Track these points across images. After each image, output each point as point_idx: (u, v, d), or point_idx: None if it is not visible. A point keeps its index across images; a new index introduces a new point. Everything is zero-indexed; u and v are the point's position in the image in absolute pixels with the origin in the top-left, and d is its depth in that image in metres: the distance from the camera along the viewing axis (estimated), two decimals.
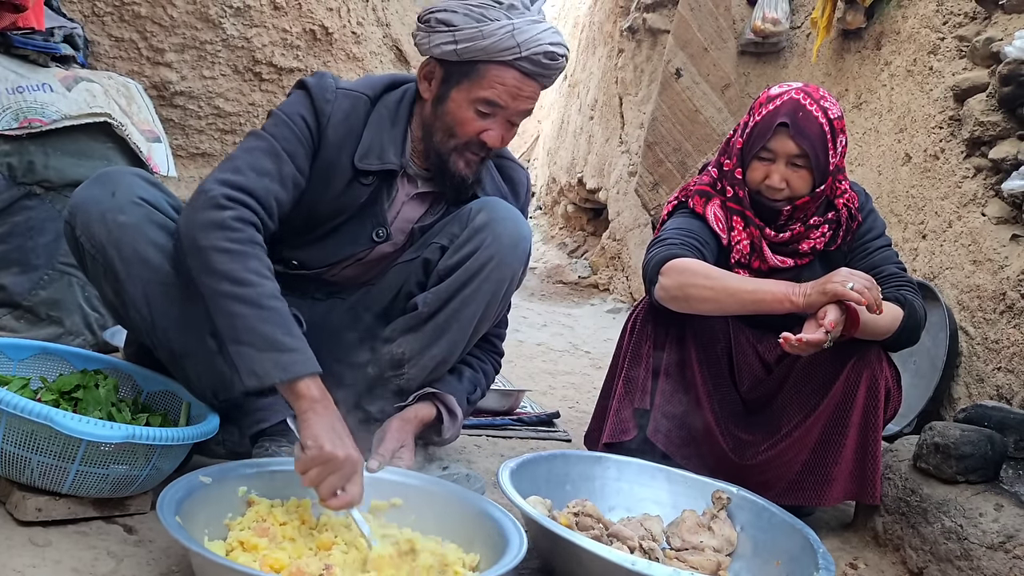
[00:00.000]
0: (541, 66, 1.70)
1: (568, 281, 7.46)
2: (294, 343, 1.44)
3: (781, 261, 2.05)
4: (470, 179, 1.78)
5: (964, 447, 1.79)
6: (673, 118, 5.50)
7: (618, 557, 1.40)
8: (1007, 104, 2.76)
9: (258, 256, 1.51)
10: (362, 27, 3.68)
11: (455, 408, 1.81)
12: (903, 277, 2.04)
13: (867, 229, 2.11)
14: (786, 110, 1.97)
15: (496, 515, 1.48)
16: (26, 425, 1.30)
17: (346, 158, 1.75)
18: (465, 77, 1.71)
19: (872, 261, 2.05)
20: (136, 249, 1.56)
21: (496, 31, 1.66)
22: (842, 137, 2.01)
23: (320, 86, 1.75)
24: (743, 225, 2.06)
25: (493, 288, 1.75)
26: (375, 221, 1.81)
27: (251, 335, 1.43)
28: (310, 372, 1.43)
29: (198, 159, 3.48)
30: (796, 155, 1.96)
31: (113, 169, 1.67)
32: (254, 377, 1.42)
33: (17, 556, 1.27)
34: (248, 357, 1.42)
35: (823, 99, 2.00)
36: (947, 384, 2.93)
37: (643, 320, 2.05)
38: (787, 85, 2.04)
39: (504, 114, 1.72)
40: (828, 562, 1.54)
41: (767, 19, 4.85)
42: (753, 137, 2.01)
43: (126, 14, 3.14)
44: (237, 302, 1.44)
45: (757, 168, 2.01)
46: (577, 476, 1.87)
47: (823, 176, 1.98)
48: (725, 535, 1.76)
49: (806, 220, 2.04)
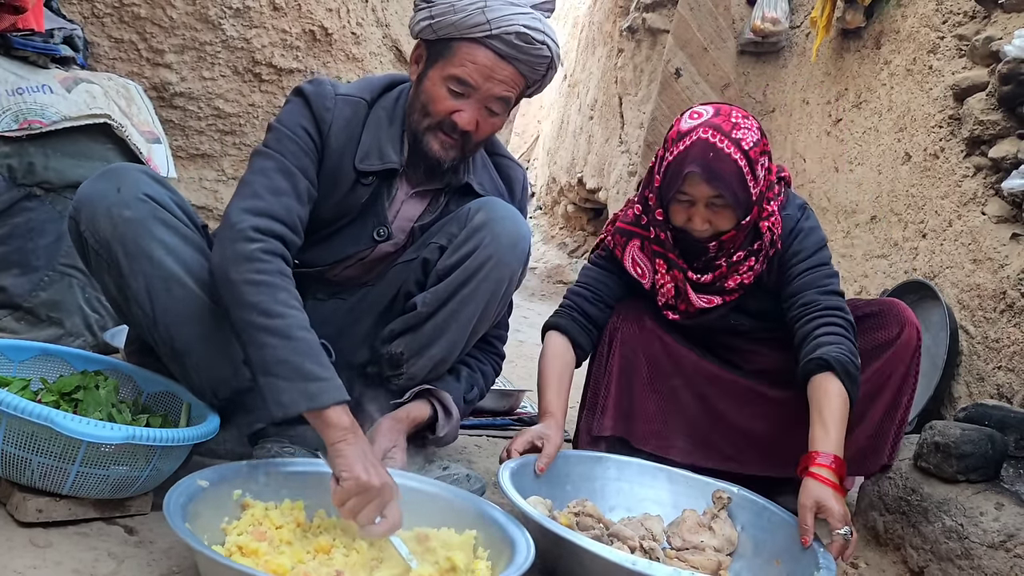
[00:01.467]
0: (513, 47, 1.67)
1: (568, 281, 7.46)
2: (322, 372, 1.45)
3: (707, 301, 2.02)
4: (445, 163, 1.75)
5: (965, 446, 1.79)
6: (673, 118, 5.47)
7: (619, 557, 1.40)
8: (1007, 103, 2.76)
9: (287, 288, 1.53)
10: (362, 28, 3.68)
11: (450, 406, 1.80)
12: (819, 305, 1.92)
13: (793, 253, 2.01)
14: (696, 154, 1.86)
15: (500, 519, 1.48)
16: (27, 426, 1.30)
17: (347, 162, 1.75)
18: (441, 55, 1.70)
19: (792, 288, 1.98)
20: (140, 245, 1.56)
21: (467, 6, 1.65)
22: (763, 161, 1.91)
23: (319, 94, 1.74)
24: (666, 268, 2.04)
25: (492, 287, 1.75)
26: (376, 220, 1.81)
27: (280, 366, 1.44)
28: (338, 400, 1.43)
29: (198, 160, 3.48)
30: (714, 196, 1.88)
31: (119, 165, 1.67)
32: (280, 407, 1.43)
33: (18, 557, 1.27)
34: (275, 387, 1.43)
35: (735, 128, 1.87)
36: (947, 383, 2.93)
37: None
38: (698, 115, 1.92)
39: (477, 95, 1.69)
40: (828, 561, 1.54)
41: (767, 19, 4.85)
42: (668, 178, 1.93)
43: (126, 15, 3.14)
44: (267, 333, 1.46)
45: (678, 211, 1.95)
46: (577, 476, 1.87)
47: (746, 210, 1.91)
48: (726, 535, 1.75)
49: (731, 255, 1.98)
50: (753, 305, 2.07)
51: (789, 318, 1.97)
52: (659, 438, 2.04)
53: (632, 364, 2.06)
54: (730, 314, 2.07)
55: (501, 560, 1.40)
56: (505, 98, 1.72)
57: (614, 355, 2.06)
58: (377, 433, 1.70)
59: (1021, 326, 2.62)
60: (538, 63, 1.72)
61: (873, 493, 1.99)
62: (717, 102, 2.02)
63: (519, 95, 1.78)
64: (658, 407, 2.07)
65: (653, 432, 2.05)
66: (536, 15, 1.70)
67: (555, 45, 1.73)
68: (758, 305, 2.07)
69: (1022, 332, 2.62)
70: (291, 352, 1.45)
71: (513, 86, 1.72)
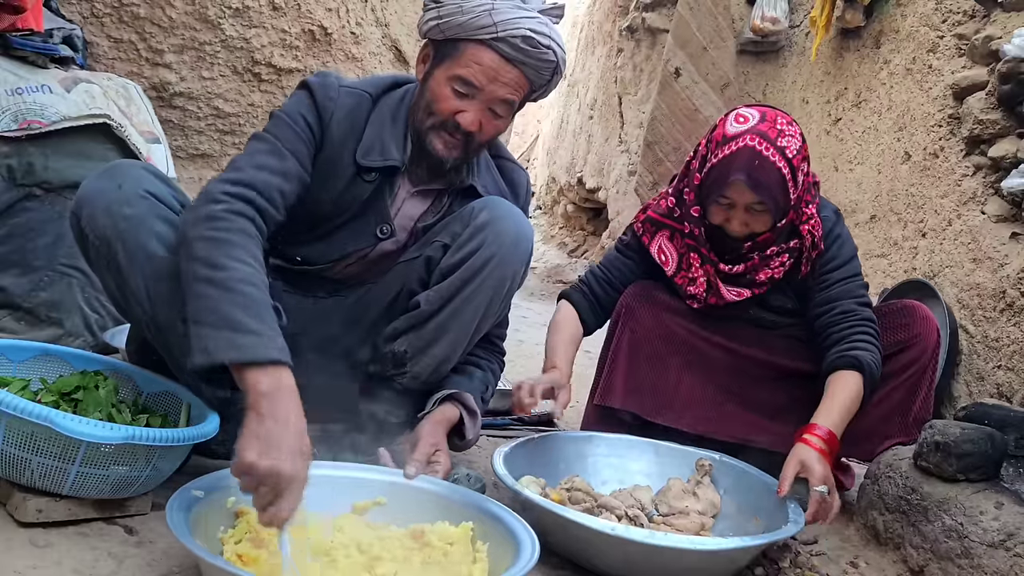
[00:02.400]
0: (519, 50, 1.67)
1: (568, 281, 7.45)
2: (257, 327, 1.35)
3: (737, 294, 2.07)
4: (448, 162, 1.75)
5: (964, 445, 1.79)
6: (672, 117, 5.50)
7: (600, 525, 1.49)
8: (1006, 102, 2.76)
9: (243, 245, 1.46)
10: (361, 27, 3.68)
11: (474, 407, 1.82)
12: (857, 315, 2.01)
13: (830, 258, 2.07)
14: (742, 162, 1.90)
15: (503, 515, 1.47)
16: (26, 426, 1.30)
17: (348, 155, 1.76)
18: (447, 56, 1.71)
19: (829, 295, 2.05)
20: (140, 242, 1.55)
21: (474, 8, 1.66)
22: (803, 167, 1.97)
23: (323, 84, 1.75)
24: (699, 262, 2.08)
25: (495, 286, 1.75)
26: (378, 218, 1.81)
27: (211, 315, 1.35)
28: (268, 359, 1.31)
29: (197, 160, 3.48)
30: (755, 202, 1.94)
31: (121, 162, 1.67)
32: (204, 354, 1.33)
33: (18, 557, 1.27)
34: (202, 335, 1.34)
35: (781, 136, 1.92)
36: (947, 382, 2.93)
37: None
38: (744, 120, 1.95)
39: (481, 97, 1.70)
40: (798, 515, 1.67)
41: (766, 18, 4.86)
42: (710, 181, 1.98)
43: (125, 15, 3.14)
44: (207, 284, 1.39)
45: (717, 212, 2.00)
46: (570, 455, 1.97)
47: (783, 214, 1.98)
48: (709, 499, 1.86)
49: (764, 250, 2.04)
50: (776, 301, 2.13)
51: (822, 321, 2.05)
52: (671, 409, 2.10)
53: (642, 340, 2.11)
54: (752, 307, 2.14)
55: (506, 556, 1.39)
56: (509, 101, 1.73)
57: (624, 332, 2.11)
58: (419, 437, 1.68)
59: (1021, 325, 2.62)
60: (543, 67, 1.73)
61: (873, 492, 1.99)
62: (761, 104, 2.06)
63: (524, 99, 1.78)
64: (668, 381, 2.11)
65: (665, 404, 2.10)
66: (543, 20, 1.70)
67: (561, 51, 1.74)
68: (780, 302, 2.13)
69: (1022, 331, 2.62)
70: (227, 303, 1.36)
71: (518, 89, 1.72)
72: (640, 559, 1.51)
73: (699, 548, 1.52)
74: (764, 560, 1.75)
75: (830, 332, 2.01)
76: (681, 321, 2.13)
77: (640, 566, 1.53)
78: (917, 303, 2.14)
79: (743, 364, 2.13)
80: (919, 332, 2.04)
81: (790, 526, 1.63)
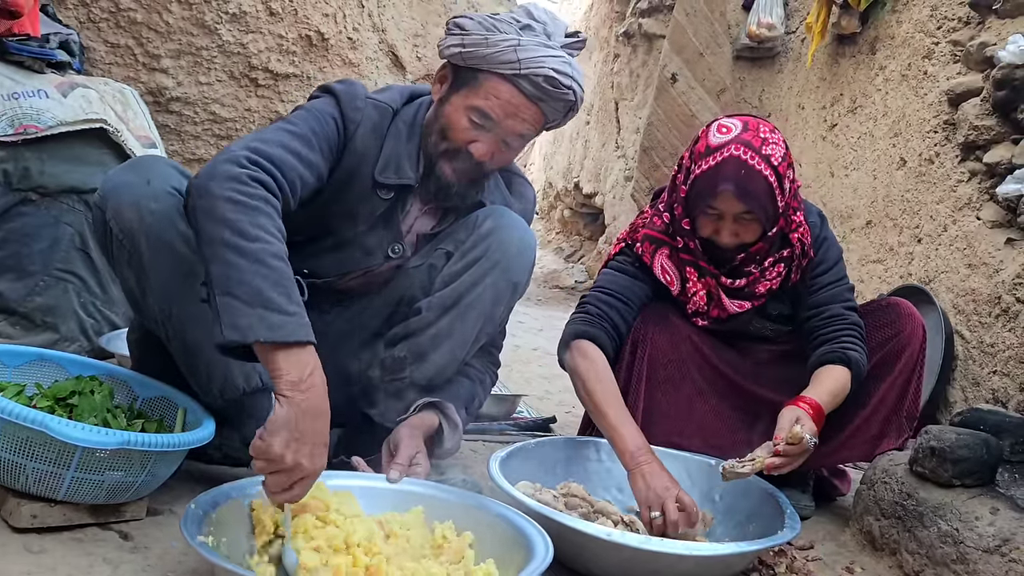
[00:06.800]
0: (540, 88, 1.67)
1: (565, 286, 7.46)
2: (290, 307, 1.32)
3: (739, 306, 2.07)
4: (455, 187, 1.74)
5: (960, 451, 1.79)
6: (669, 123, 5.51)
7: (595, 530, 1.50)
8: (1001, 108, 2.77)
9: (270, 215, 1.42)
10: (358, 33, 3.69)
11: (455, 417, 1.79)
12: (845, 319, 2.03)
13: (818, 262, 2.08)
14: (728, 172, 1.89)
15: (514, 518, 1.46)
16: (21, 431, 1.30)
17: (367, 168, 1.74)
18: (466, 84, 1.70)
19: (818, 299, 2.07)
20: (164, 238, 1.54)
21: (500, 42, 1.65)
22: (789, 174, 1.96)
23: (349, 94, 1.73)
24: (697, 275, 2.07)
25: (496, 294, 1.75)
26: (391, 236, 1.80)
27: (243, 288, 1.31)
28: (299, 340, 1.29)
29: (194, 165, 3.48)
30: (743, 212, 1.93)
31: (147, 157, 1.66)
32: (236, 331, 1.28)
33: (12, 563, 1.27)
34: (232, 309, 1.30)
35: (765, 144, 1.91)
36: (943, 388, 2.94)
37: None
38: (727, 130, 1.94)
39: (497, 130, 1.69)
40: (794, 522, 1.66)
41: (762, 24, 4.87)
42: (696, 191, 1.96)
43: (122, 20, 3.14)
44: (236, 253, 1.33)
45: (705, 224, 1.99)
46: (566, 460, 1.97)
47: (773, 222, 1.97)
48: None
49: (761, 262, 2.04)
50: (773, 309, 2.13)
51: (811, 325, 2.07)
52: (681, 436, 2.06)
53: (659, 367, 2.08)
54: (754, 319, 2.13)
55: (517, 560, 1.38)
56: (524, 135, 1.73)
57: (643, 360, 2.06)
58: (399, 441, 1.67)
59: (1016, 331, 2.63)
60: (562, 106, 1.73)
61: (869, 498, 1.99)
62: (741, 114, 2.05)
63: (538, 132, 1.78)
64: (681, 408, 2.08)
65: (675, 431, 2.06)
66: (566, 59, 1.70)
67: (581, 89, 1.73)
68: (778, 309, 2.14)
69: (1017, 337, 2.62)
70: (259, 277, 1.32)
71: (534, 124, 1.72)
72: (636, 564, 1.52)
73: (695, 553, 1.52)
74: (760, 565, 1.75)
75: (819, 335, 2.04)
76: (696, 345, 2.10)
77: (636, 571, 1.53)
78: (901, 300, 2.14)
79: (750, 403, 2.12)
80: (903, 329, 2.06)
81: (786, 531, 1.63)
